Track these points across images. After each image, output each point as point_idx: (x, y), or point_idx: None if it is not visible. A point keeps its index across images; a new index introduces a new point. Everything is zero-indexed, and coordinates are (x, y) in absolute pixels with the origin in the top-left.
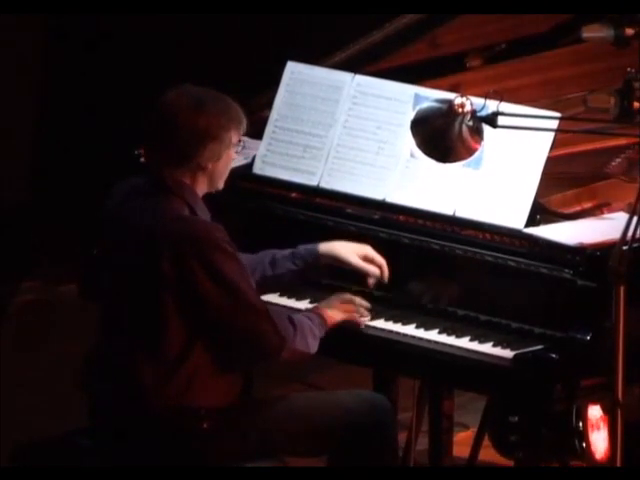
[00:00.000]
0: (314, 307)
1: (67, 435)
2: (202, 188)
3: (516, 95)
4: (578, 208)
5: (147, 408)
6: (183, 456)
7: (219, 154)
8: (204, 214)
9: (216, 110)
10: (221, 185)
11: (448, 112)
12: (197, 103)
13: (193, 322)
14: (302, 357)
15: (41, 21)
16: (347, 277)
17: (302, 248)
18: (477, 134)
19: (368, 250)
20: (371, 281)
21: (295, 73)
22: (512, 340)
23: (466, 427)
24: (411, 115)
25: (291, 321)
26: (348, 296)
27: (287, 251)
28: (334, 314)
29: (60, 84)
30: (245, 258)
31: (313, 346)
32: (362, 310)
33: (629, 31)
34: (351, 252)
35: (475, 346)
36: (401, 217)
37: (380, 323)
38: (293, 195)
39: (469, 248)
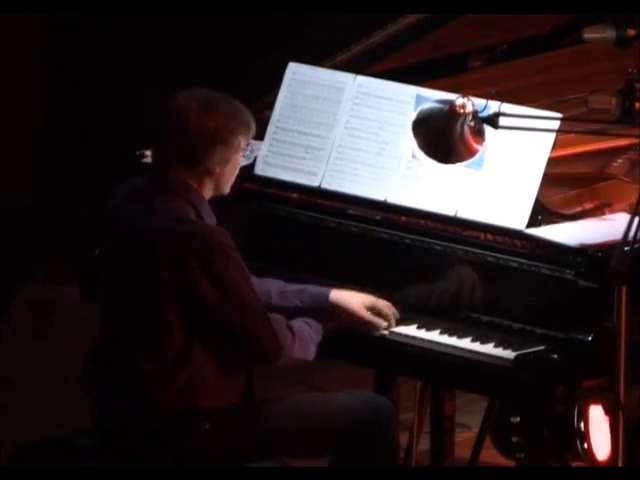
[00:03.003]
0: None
1: (68, 435)
2: (208, 192)
3: (517, 96)
4: (579, 209)
5: (149, 408)
6: (185, 456)
7: (227, 158)
8: (210, 218)
9: (226, 114)
10: (227, 190)
11: (449, 113)
12: (207, 106)
13: (194, 323)
14: (299, 364)
15: (41, 21)
16: (339, 275)
17: (314, 289)
18: (478, 135)
19: (376, 302)
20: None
21: (297, 74)
22: (514, 341)
23: (468, 428)
24: (412, 116)
25: (290, 329)
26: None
27: (297, 286)
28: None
29: (61, 85)
30: (252, 280)
31: (311, 353)
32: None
33: (631, 32)
34: (361, 306)
35: (477, 347)
36: (403, 218)
37: None
38: (294, 196)
39: (471, 249)
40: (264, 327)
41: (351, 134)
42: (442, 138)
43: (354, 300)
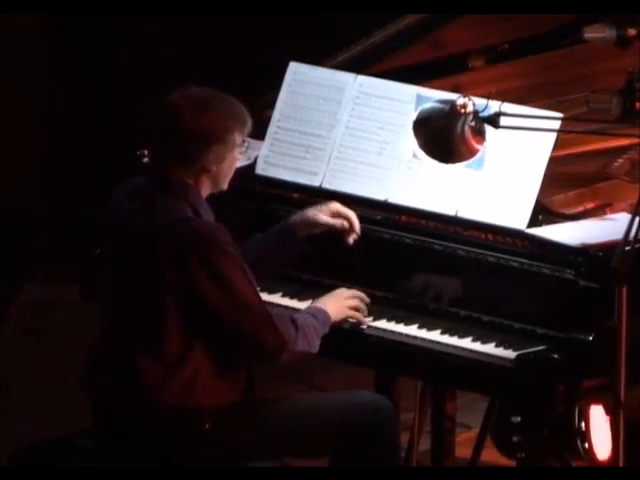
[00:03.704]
0: (317, 301)
1: (68, 435)
2: (206, 190)
3: (518, 95)
4: (580, 209)
5: (149, 408)
6: (185, 456)
7: (223, 156)
8: (208, 216)
9: (220, 111)
10: (225, 186)
11: (450, 113)
12: (201, 104)
13: (194, 323)
14: (303, 357)
15: (41, 21)
16: (340, 274)
17: (273, 228)
18: (479, 135)
19: (334, 206)
20: (346, 237)
21: (297, 74)
22: (514, 341)
23: (468, 428)
24: (413, 116)
25: (293, 322)
26: (353, 292)
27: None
28: (338, 309)
29: (61, 85)
30: None
31: (315, 345)
32: (364, 307)
33: (631, 31)
34: (318, 212)
35: (477, 346)
36: (403, 217)
37: (382, 323)
38: (295, 196)
39: (471, 249)
40: (266, 325)
41: (352, 134)
42: (443, 138)
43: (311, 210)
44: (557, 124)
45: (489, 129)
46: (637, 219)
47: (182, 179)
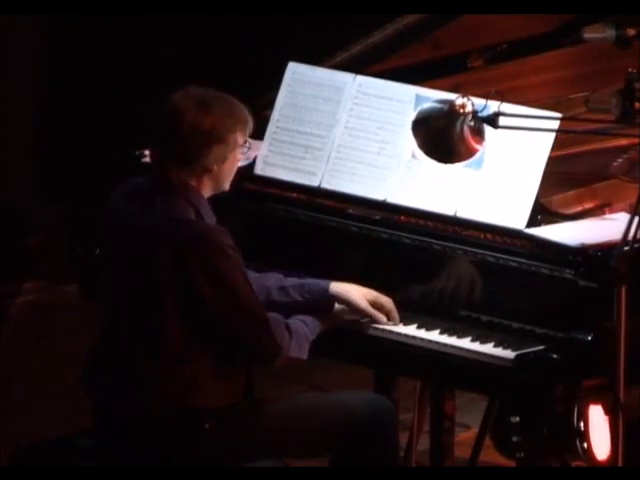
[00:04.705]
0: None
1: (68, 435)
2: (207, 190)
3: (517, 95)
4: (579, 208)
5: (149, 408)
6: (185, 456)
7: (224, 156)
8: (209, 217)
9: (222, 112)
10: (227, 187)
11: (449, 112)
12: (202, 105)
13: (193, 323)
14: (293, 363)
15: (41, 21)
16: (339, 274)
17: (313, 283)
18: (478, 134)
19: (378, 296)
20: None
21: (296, 74)
22: (513, 341)
23: (467, 427)
24: (412, 115)
25: (288, 328)
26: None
27: (297, 280)
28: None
29: (61, 85)
30: (251, 276)
31: (306, 352)
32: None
33: (631, 31)
34: (362, 298)
35: (476, 346)
36: (402, 217)
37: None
38: (294, 196)
39: (470, 249)
40: (263, 329)
41: (351, 134)
42: (442, 138)
43: (355, 292)
44: (556, 124)
45: (488, 129)
46: (636, 219)
47: (184, 179)
